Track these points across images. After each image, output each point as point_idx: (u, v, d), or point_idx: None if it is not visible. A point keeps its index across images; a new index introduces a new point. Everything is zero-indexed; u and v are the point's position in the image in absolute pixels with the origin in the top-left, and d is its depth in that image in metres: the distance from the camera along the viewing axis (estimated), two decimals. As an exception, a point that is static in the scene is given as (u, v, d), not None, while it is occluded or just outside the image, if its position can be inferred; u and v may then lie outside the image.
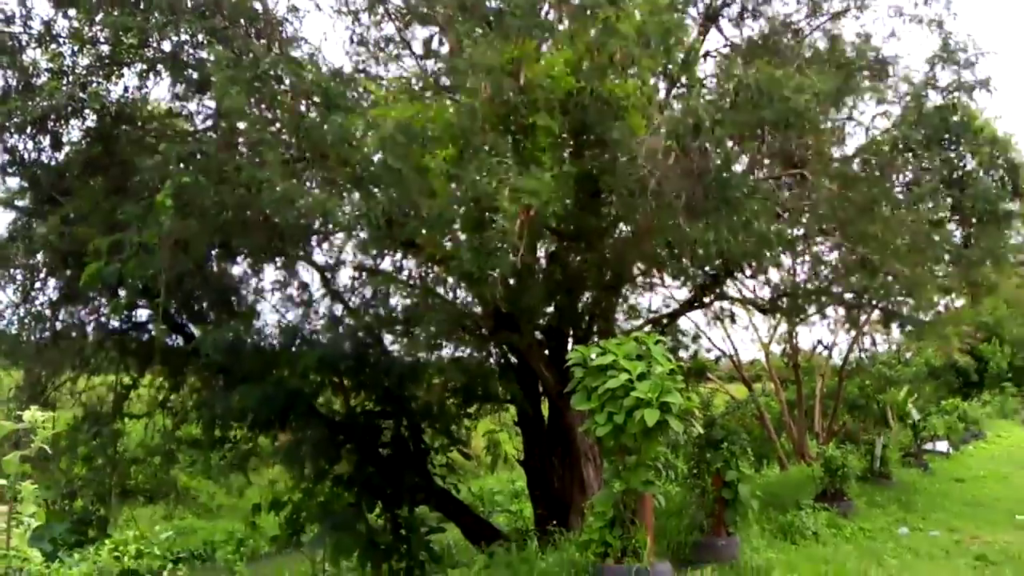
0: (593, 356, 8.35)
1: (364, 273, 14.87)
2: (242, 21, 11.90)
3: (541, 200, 8.30)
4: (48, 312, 15.84)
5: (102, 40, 13.64)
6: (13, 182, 15.67)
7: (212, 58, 11.10)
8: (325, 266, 15.81)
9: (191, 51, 12.42)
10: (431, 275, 13.72)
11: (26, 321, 16.26)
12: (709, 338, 20.02)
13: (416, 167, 8.52)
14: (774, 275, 16.01)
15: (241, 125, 10.60)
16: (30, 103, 13.25)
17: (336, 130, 9.02)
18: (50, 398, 16.28)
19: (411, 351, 14.13)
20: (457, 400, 16.46)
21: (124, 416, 16.79)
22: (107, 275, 12.98)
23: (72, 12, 13.47)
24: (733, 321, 18.50)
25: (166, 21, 11.16)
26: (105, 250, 13.19)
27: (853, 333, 20.99)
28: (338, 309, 15.44)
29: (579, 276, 12.66)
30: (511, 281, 11.33)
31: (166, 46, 12.52)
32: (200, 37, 11.85)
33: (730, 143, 9.41)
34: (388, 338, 15.81)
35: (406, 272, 14.55)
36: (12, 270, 15.98)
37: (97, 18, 12.95)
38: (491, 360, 15.98)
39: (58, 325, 15.90)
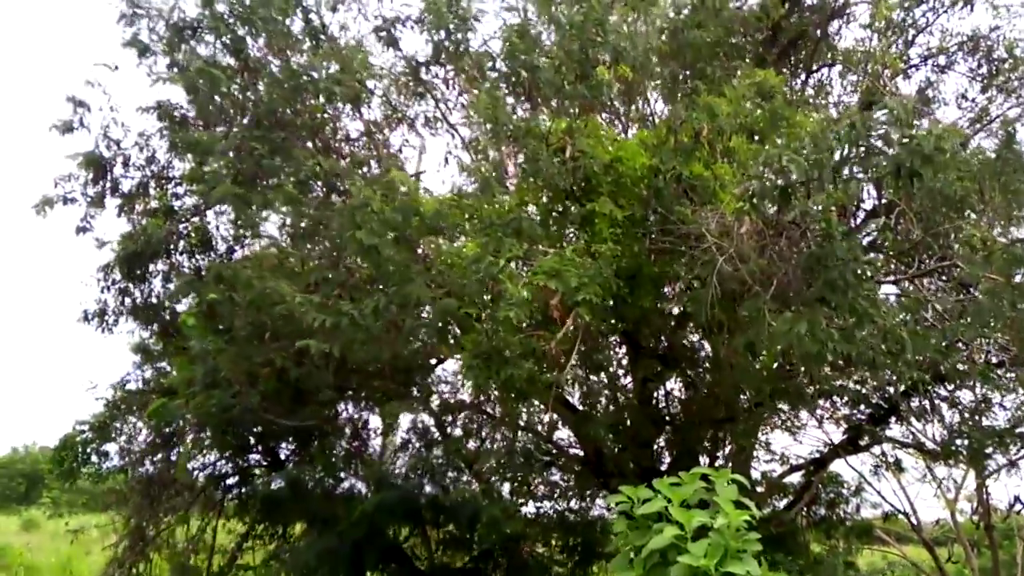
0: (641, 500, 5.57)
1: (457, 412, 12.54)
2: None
3: (567, 285, 5.83)
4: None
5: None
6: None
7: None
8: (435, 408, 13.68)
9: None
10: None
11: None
12: (878, 491, 15.88)
13: (412, 254, 6.35)
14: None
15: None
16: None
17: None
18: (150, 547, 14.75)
19: (494, 493, 11.50)
20: (563, 557, 13.42)
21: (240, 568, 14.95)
22: (167, 412, 11.55)
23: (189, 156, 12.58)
24: (900, 470, 14.49)
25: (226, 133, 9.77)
26: (181, 386, 11.84)
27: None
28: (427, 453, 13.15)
29: (686, 405, 9.80)
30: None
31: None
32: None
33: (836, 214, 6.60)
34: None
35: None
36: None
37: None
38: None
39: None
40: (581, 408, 10.04)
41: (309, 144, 9.68)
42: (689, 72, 8.40)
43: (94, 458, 15.16)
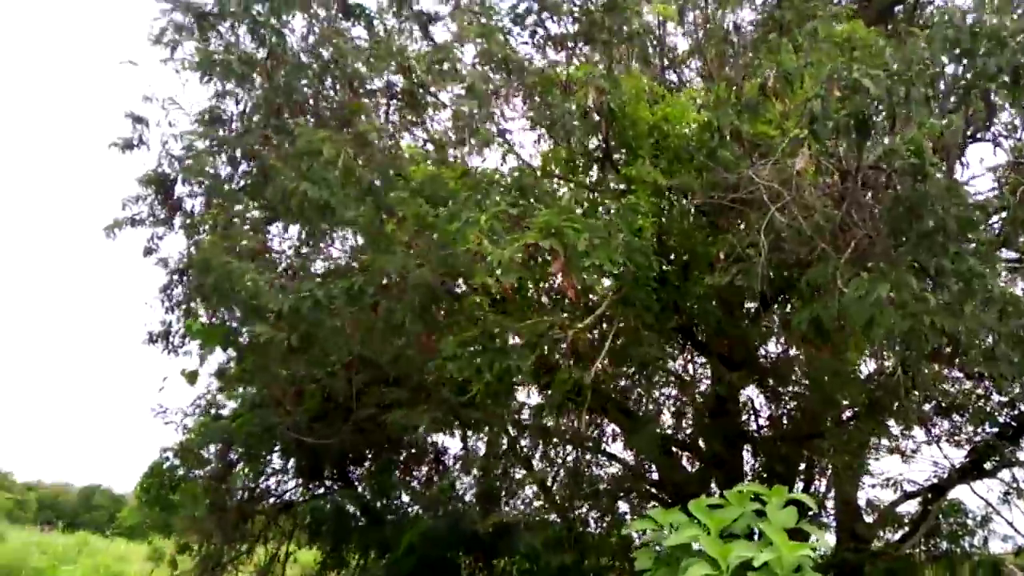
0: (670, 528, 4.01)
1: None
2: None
3: (574, 249, 4.34)
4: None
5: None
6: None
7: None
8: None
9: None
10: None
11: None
12: (1009, 521, 13.30)
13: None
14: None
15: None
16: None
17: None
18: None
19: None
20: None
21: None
22: (213, 431, 10.65)
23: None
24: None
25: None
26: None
27: None
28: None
29: (775, 420, 8.00)
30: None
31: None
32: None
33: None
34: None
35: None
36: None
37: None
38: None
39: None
40: (640, 417, 8.39)
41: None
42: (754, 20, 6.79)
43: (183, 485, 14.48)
